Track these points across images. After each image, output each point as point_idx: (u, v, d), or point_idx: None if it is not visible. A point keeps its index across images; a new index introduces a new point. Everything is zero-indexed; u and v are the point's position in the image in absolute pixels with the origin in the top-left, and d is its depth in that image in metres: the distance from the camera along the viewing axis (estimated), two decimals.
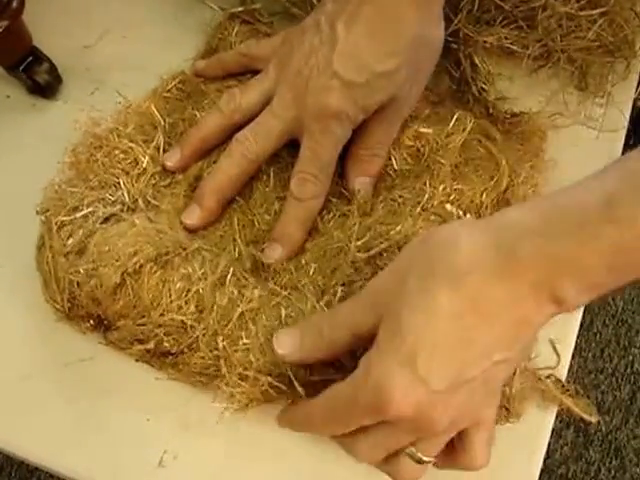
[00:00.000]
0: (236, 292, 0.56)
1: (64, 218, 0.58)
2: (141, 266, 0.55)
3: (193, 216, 0.60)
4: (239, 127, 0.62)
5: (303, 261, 0.59)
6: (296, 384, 0.54)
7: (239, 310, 0.55)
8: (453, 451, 0.51)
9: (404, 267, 0.48)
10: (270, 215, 0.61)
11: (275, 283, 0.58)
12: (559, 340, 0.60)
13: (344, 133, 0.61)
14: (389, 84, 0.60)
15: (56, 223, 0.58)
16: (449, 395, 0.46)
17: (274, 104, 0.61)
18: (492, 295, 0.45)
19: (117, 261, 0.55)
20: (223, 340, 0.54)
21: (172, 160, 0.62)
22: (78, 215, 0.58)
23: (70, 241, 0.57)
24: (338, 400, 0.49)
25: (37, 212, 0.59)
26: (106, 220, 0.58)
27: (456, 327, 0.45)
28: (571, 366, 0.60)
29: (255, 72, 0.65)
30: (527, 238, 0.45)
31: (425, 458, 0.49)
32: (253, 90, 0.63)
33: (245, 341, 0.54)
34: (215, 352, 0.55)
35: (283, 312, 0.55)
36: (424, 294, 0.46)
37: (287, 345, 0.52)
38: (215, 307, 0.55)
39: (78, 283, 0.56)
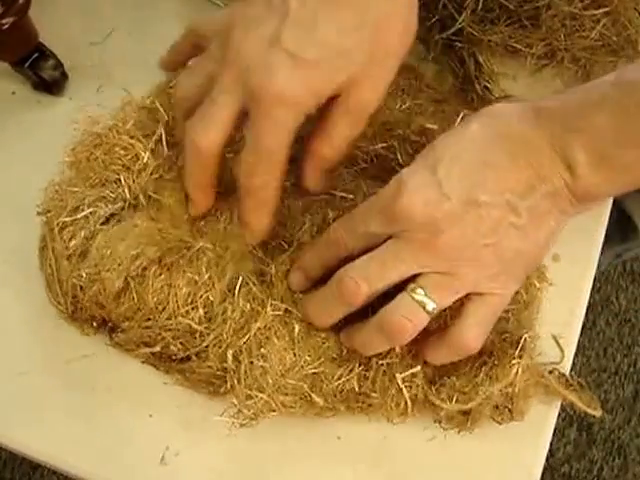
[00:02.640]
0: (248, 307, 0.55)
1: (65, 219, 0.58)
2: (144, 269, 0.55)
3: (193, 208, 0.58)
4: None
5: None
6: (314, 396, 0.54)
7: (254, 327, 0.55)
8: (445, 328, 0.53)
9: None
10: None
11: (279, 288, 0.57)
12: (562, 337, 0.60)
13: (292, 120, 0.52)
14: (348, 64, 0.52)
15: (57, 224, 0.58)
16: (457, 209, 0.49)
17: (214, 89, 0.54)
18: (516, 133, 0.50)
19: (120, 265, 0.55)
20: (234, 355, 0.54)
21: (198, 208, 0.58)
22: (79, 216, 0.58)
23: (72, 243, 0.57)
24: (358, 208, 0.53)
25: (38, 213, 0.60)
26: (107, 220, 0.58)
27: (480, 149, 0.50)
28: (574, 365, 0.60)
29: None
30: (551, 99, 0.51)
31: (428, 302, 0.50)
32: (196, 73, 0.56)
33: (262, 364, 0.54)
34: (224, 364, 0.55)
35: (296, 330, 0.55)
36: (463, 126, 0.51)
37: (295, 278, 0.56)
38: (227, 320, 0.55)
39: (81, 287, 0.56)
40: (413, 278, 0.51)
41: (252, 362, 0.54)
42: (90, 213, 0.58)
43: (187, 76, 0.57)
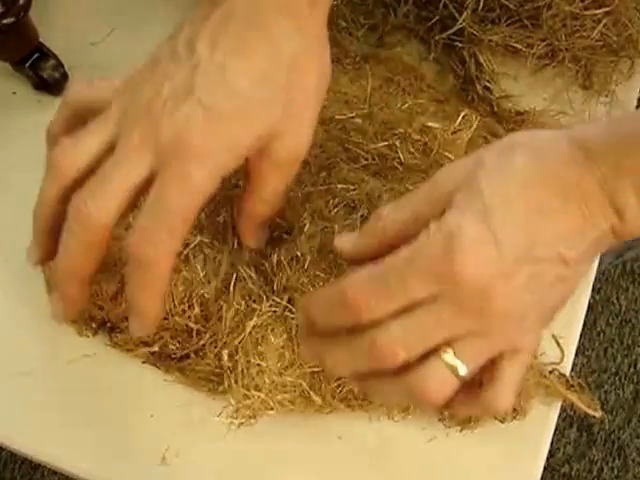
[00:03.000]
0: (243, 304, 0.55)
1: None
2: None
3: (59, 308, 0.51)
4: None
5: (298, 254, 0.58)
6: (312, 394, 0.54)
7: (250, 324, 0.54)
8: (477, 386, 0.47)
9: (481, 152, 0.47)
10: None
11: (278, 281, 0.57)
12: (563, 337, 0.60)
13: (207, 181, 0.47)
14: (266, 114, 0.48)
15: None
16: (514, 268, 0.44)
17: (117, 149, 0.47)
18: (565, 176, 0.45)
19: (115, 266, 0.55)
20: (229, 355, 0.54)
21: (33, 257, 0.52)
22: None
23: None
24: (390, 265, 0.44)
25: None
26: None
27: (532, 196, 0.44)
28: (574, 365, 0.60)
29: None
30: (596, 135, 0.45)
31: (460, 366, 0.45)
32: (89, 137, 0.48)
33: (259, 362, 0.53)
34: (221, 363, 0.55)
35: (293, 327, 0.54)
36: (505, 160, 0.45)
37: (348, 242, 0.49)
38: (222, 319, 0.55)
39: None
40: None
41: (249, 361, 0.53)
42: None
43: (76, 140, 0.49)
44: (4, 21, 0.63)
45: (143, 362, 0.58)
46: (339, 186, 0.60)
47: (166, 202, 0.46)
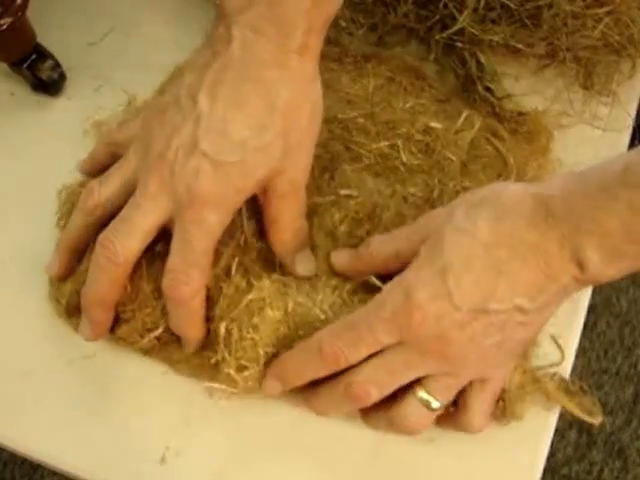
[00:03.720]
0: (244, 283, 0.56)
1: None
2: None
3: (87, 331, 0.57)
4: (108, 221, 0.55)
5: (315, 255, 0.58)
6: None
7: (247, 298, 0.55)
8: (454, 410, 0.55)
9: (455, 204, 0.53)
10: None
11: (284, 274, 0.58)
12: (563, 338, 0.60)
13: (221, 220, 0.54)
14: (267, 158, 0.54)
15: None
16: (468, 319, 0.49)
17: (137, 195, 0.54)
18: (526, 238, 0.49)
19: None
20: (227, 326, 0.54)
21: (52, 270, 0.59)
22: None
23: None
24: (359, 316, 0.52)
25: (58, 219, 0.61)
26: None
27: (490, 256, 0.49)
28: (574, 366, 0.60)
29: None
30: (558, 196, 0.49)
31: (433, 401, 0.52)
32: (112, 180, 0.56)
33: (253, 336, 0.54)
34: (219, 338, 0.55)
35: (290, 303, 0.55)
36: (469, 220, 0.51)
37: (343, 258, 0.57)
38: (222, 297, 0.55)
39: (78, 277, 0.57)
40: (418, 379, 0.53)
41: (242, 333, 0.54)
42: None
43: (101, 183, 0.57)
44: (1, 21, 0.62)
45: (144, 354, 0.58)
46: (342, 192, 0.61)
47: (189, 244, 0.53)
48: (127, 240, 0.53)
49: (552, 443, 0.58)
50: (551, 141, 0.67)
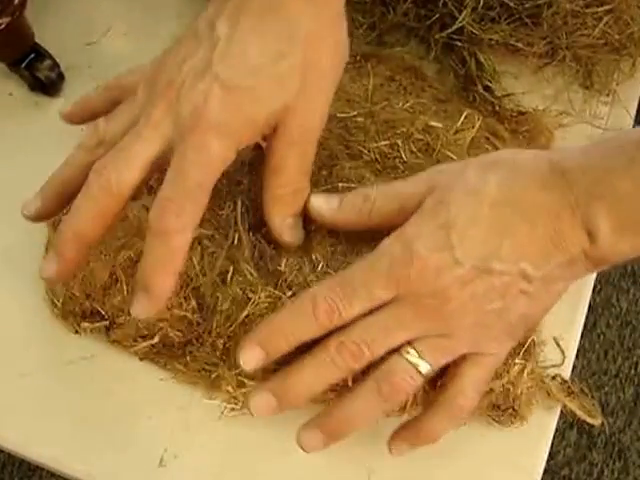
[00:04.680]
0: (241, 293, 0.55)
1: None
2: (136, 261, 0.55)
3: (50, 267, 0.51)
4: None
5: (313, 257, 0.58)
6: None
7: (244, 313, 0.54)
8: (441, 385, 0.52)
9: (468, 162, 0.51)
10: None
11: (281, 281, 0.57)
12: (563, 339, 0.60)
13: (224, 153, 0.50)
14: (281, 90, 0.51)
15: None
16: (470, 276, 0.47)
17: (140, 123, 0.50)
18: (536, 201, 0.48)
19: (105, 256, 0.55)
20: (225, 343, 0.54)
21: (30, 209, 0.53)
22: None
23: None
24: (354, 270, 0.49)
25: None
26: None
27: (497, 215, 0.48)
28: (575, 367, 0.60)
29: None
30: (574, 159, 0.48)
31: (422, 363, 0.49)
32: (119, 117, 0.53)
33: None
34: (218, 353, 0.55)
35: None
36: (480, 178, 0.49)
37: (321, 202, 0.54)
38: (218, 309, 0.54)
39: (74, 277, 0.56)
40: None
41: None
42: None
43: (107, 120, 0.53)
44: None
45: (141, 359, 0.58)
46: (340, 185, 0.60)
47: (186, 172, 0.48)
48: (124, 169, 0.49)
49: (552, 444, 0.58)
50: (551, 140, 0.67)
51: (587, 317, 0.63)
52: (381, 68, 0.67)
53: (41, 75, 0.68)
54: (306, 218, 0.57)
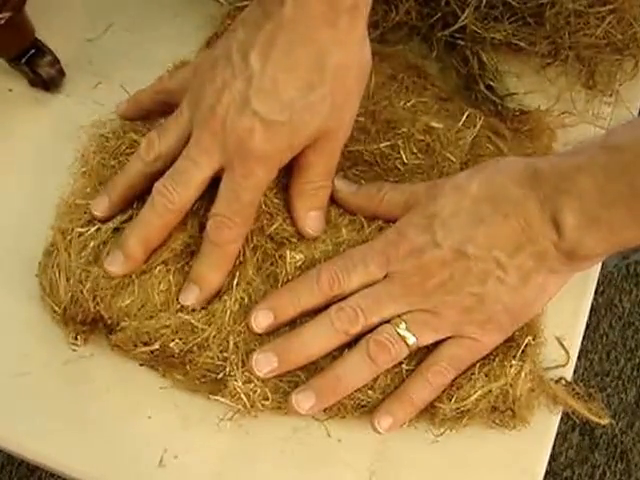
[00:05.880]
0: (247, 297, 0.57)
1: (80, 230, 0.59)
2: (152, 268, 0.57)
3: (117, 263, 0.57)
4: (163, 171, 0.59)
5: (316, 256, 0.59)
6: None
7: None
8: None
9: (469, 171, 0.58)
10: (280, 200, 0.60)
11: (286, 279, 0.58)
12: (565, 340, 0.60)
13: (268, 175, 0.57)
14: (314, 118, 0.57)
15: (69, 239, 0.58)
16: (449, 257, 0.55)
17: (191, 149, 0.58)
18: (510, 195, 0.54)
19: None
20: (235, 343, 0.55)
21: (100, 208, 0.60)
22: (92, 229, 0.59)
23: (83, 253, 0.58)
24: (356, 249, 0.58)
25: (52, 228, 0.60)
26: (117, 230, 0.59)
27: (476, 208, 0.55)
28: (577, 368, 0.60)
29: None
30: (548, 159, 0.55)
31: (410, 336, 0.55)
32: (170, 133, 0.59)
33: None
34: (225, 354, 0.55)
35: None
36: (466, 179, 0.57)
37: (342, 184, 0.61)
38: (227, 311, 0.56)
39: (82, 280, 0.57)
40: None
41: (249, 350, 0.55)
42: (101, 225, 0.59)
43: (160, 136, 0.59)
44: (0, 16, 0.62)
45: (140, 364, 0.58)
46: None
47: (237, 194, 0.57)
48: (183, 191, 0.57)
49: (554, 446, 0.58)
50: (553, 140, 0.67)
51: (589, 318, 0.63)
52: (383, 66, 0.67)
53: (41, 71, 0.67)
54: None
